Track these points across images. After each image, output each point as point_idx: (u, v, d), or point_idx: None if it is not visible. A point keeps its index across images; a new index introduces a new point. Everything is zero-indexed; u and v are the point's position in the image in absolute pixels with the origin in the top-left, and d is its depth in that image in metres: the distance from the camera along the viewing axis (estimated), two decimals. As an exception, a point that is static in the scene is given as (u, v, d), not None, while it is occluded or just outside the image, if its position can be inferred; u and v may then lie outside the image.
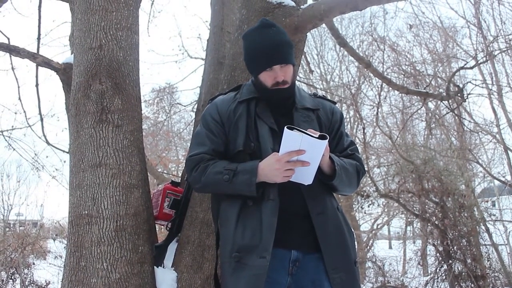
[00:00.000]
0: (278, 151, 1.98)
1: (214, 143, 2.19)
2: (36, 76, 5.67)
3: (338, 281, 2.05)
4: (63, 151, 7.88)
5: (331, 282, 2.05)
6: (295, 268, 2.08)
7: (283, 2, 3.03)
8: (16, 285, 9.46)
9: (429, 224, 8.81)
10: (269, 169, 2.00)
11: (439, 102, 9.32)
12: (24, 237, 10.33)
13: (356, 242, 2.27)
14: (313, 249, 2.08)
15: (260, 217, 2.04)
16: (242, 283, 1.99)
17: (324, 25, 5.19)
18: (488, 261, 8.57)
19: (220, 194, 2.21)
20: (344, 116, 2.45)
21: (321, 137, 1.91)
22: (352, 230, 2.26)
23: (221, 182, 2.07)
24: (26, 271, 9.90)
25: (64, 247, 9.85)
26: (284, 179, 2.00)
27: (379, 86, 9.47)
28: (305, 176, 2.02)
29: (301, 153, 1.93)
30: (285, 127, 1.90)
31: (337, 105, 2.45)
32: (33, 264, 10.30)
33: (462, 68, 7.60)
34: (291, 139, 1.91)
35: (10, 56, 5.80)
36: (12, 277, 9.76)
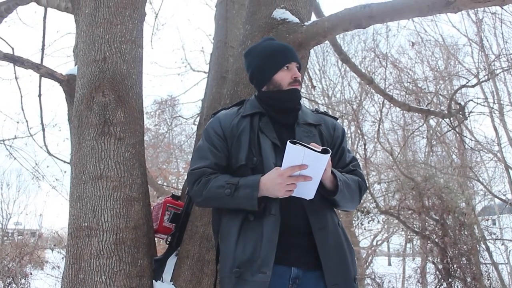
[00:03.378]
0: (280, 166, 1.98)
1: (216, 157, 2.18)
2: (39, 86, 5.70)
3: None
4: (64, 161, 7.90)
5: None
6: (295, 286, 2.06)
7: (287, 19, 3.05)
8: (12, 295, 9.42)
9: (429, 242, 8.78)
10: (271, 183, 1.99)
11: (440, 119, 9.33)
12: (22, 247, 10.32)
13: (355, 259, 2.25)
14: (313, 267, 2.06)
15: (261, 232, 2.02)
16: None
17: (327, 41, 5.22)
18: (488, 280, 8.54)
19: (221, 209, 2.19)
20: (346, 131, 2.46)
21: (324, 151, 1.91)
22: (352, 246, 2.25)
23: (222, 196, 2.05)
24: (23, 281, 9.86)
25: (62, 258, 9.85)
26: (286, 194, 1.99)
27: (381, 103, 9.52)
28: (307, 191, 2.01)
29: (303, 167, 1.92)
30: (288, 141, 1.90)
31: (338, 121, 2.45)
32: (31, 274, 10.26)
33: (463, 86, 7.62)
34: (293, 153, 1.91)
35: (14, 66, 5.82)
36: (9, 287, 9.72)
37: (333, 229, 2.12)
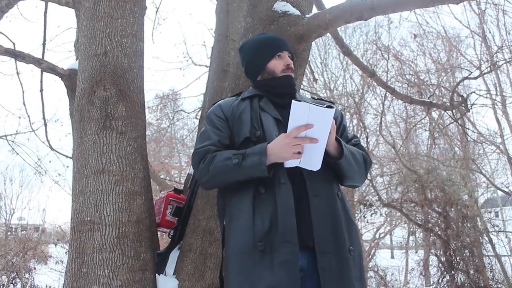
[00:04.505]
0: None
1: (219, 136, 2.19)
2: (41, 81, 5.70)
3: (325, 266, 1.96)
4: (66, 156, 7.91)
5: (318, 266, 1.95)
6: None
7: (288, 11, 3.04)
8: (17, 289, 9.47)
9: (431, 234, 8.79)
10: (278, 146, 1.98)
11: (442, 112, 9.31)
12: (26, 242, 10.36)
13: (357, 233, 2.19)
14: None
15: (275, 202, 2.00)
16: (273, 272, 1.91)
17: (328, 33, 5.19)
18: (491, 272, 8.54)
19: (227, 190, 2.16)
20: (348, 124, 2.48)
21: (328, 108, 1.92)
22: (354, 221, 2.19)
23: (230, 168, 2.03)
24: (27, 275, 9.92)
25: (65, 252, 9.88)
26: (294, 156, 1.97)
27: (383, 95, 9.48)
28: (313, 160, 1.99)
29: (309, 126, 1.93)
30: (293, 100, 1.91)
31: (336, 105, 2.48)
32: (34, 268, 10.32)
33: (466, 78, 7.59)
34: (299, 111, 1.91)
35: (16, 61, 5.82)
36: (13, 282, 9.78)
37: (329, 197, 2.09)
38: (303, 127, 1.93)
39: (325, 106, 1.92)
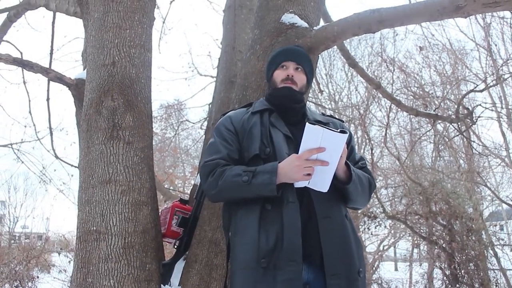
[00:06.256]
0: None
1: (228, 150, 2.17)
2: (48, 91, 5.73)
3: None
4: (71, 165, 7.93)
5: None
6: None
7: (296, 23, 3.05)
8: (19, 298, 9.46)
9: (436, 247, 8.73)
10: (289, 167, 1.97)
11: (447, 124, 9.29)
12: (29, 250, 10.36)
13: (363, 253, 2.19)
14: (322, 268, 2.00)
15: (282, 221, 1.99)
16: None
17: (335, 45, 5.21)
18: (496, 286, 8.48)
19: (234, 204, 2.15)
20: (352, 136, 2.49)
21: (341, 133, 1.92)
22: (360, 241, 2.20)
23: (239, 185, 2.02)
24: (30, 284, 9.90)
25: (69, 261, 9.88)
26: (304, 178, 1.97)
27: (388, 107, 9.47)
28: (323, 181, 2.00)
29: (321, 150, 1.92)
30: (307, 123, 1.90)
31: (344, 123, 2.47)
32: (37, 277, 10.31)
33: (472, 91, 7.57)
34: (312, 134, 1.91)
35: (22, 70, 5.86)
36: (16, 290, 9.74)
37: (338, 219, 2.08)
38: (315, 150, 1.93)
39: (338, 130, 1.92)
